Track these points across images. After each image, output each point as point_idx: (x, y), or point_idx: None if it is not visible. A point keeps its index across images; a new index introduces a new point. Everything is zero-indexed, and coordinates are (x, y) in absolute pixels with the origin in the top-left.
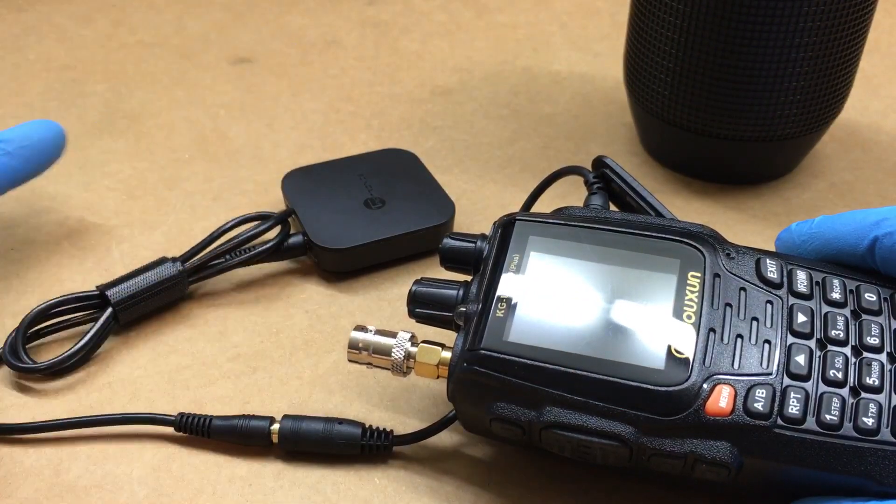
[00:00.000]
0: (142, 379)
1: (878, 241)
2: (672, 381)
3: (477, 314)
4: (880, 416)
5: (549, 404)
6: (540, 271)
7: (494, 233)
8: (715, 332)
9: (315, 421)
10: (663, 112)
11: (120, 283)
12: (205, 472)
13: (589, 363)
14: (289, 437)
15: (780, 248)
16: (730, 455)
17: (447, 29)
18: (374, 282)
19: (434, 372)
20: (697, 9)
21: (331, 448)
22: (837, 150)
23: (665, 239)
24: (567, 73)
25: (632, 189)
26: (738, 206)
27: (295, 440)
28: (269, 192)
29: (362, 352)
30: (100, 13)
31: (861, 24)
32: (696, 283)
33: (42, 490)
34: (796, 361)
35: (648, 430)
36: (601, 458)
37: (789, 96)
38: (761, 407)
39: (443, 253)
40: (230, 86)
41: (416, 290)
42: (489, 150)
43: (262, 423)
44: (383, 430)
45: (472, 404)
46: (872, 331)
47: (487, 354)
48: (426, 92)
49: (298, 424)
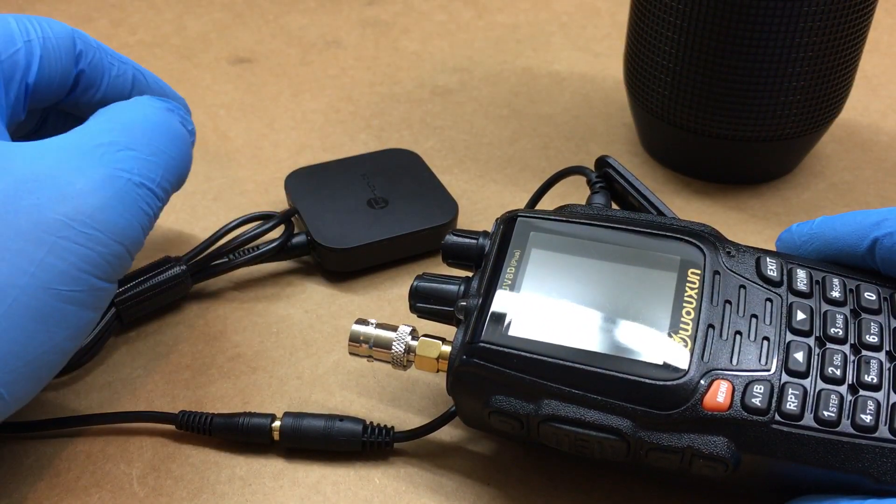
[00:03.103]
0: (142, 378)
1: (878, 242)
2: (670, 376)
3: (477, 308)
4: (878, 413)
5: (548, 398)
6: (541, 267)
7: (496, 229)
8: (714, 328)
9: (316, 418)
10: (663, 112)
11: (123, 283)
12: (204, 473)
13: (588, 357)
14: (290, 434)
15: (780, 249)
16: (727, 450)
17: (447, 29)
18: (375, 282)
19: (434, 366)
20: (697, 9)
21: (332, 445)
22: (837, 150)
23: (666, 236)
24: (567, 73)
25: (634, 188)
26: (738, 206)
27: (296, 437)
28: (269, 191)
29: (363, 345)
30: (100, 13)
31: (861, 24)
32: (696, 280)
33: (42, 490)
34: (795, 358)
35: (646, 425)
36: (599, 452)
37: (789, 96)
38: (759, 402)
39: (445, 249)
40: (230, 86)
41: (418, 285)
42: (489, 150)
43: (264, 420)
44: (384, 427)
45: (471, 397)
46: (871, 329)
47: (487, 347)
48: (426, 92)
49: (299, 421)
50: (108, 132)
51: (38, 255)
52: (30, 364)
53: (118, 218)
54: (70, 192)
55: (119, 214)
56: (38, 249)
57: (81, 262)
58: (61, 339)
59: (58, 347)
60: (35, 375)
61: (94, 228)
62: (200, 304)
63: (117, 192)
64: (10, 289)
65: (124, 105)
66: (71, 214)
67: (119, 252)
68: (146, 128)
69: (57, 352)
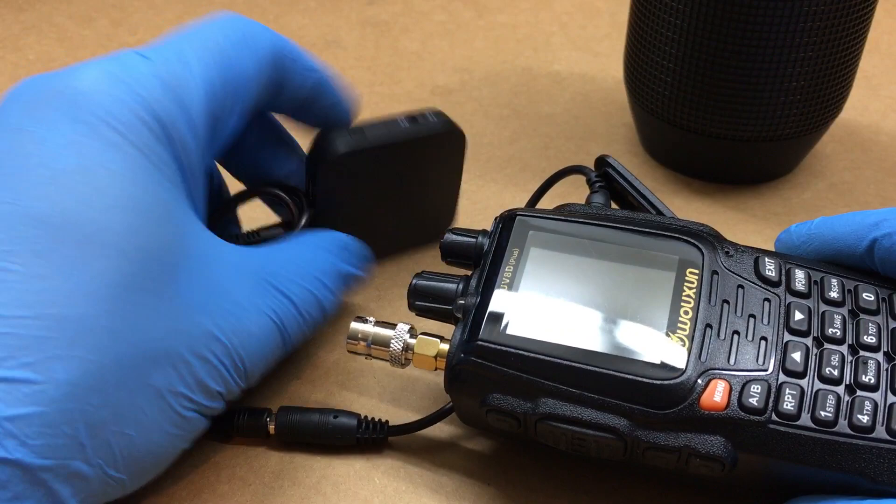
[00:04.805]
0: None
1: (877, 243)
2: (667, 375)
3: (475, 307)
4: (875, 413)
5: (545, 396)
6: (539, 266)
7: (495, 227)
8: (711, 327)
9: (311, 412)
10: (663, 112)
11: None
12: (204, 473)
13: (585, 356)
14: (285, 427)
15: (779, 249)
16: (724, 450)
17: (447, 29)
18: (375, 282)
19: (432, 364)
20: (697, 9)
21: (327, 439)
22: (837, 150)
23: (664, 236)
24: (567, 73)
25: (633, 188)
26: (738, 206)
27: (291, 431)
28: None
29: (361, 342)
30: (100, 13)
31: (861, 24)
32: (695, 279)
33: None
34: (792, 358)
35: (643, 424)
36: (596, 451)
37: (789, 96)
38: (756, 402)
39: (444, 247)
40: None
41: (417, 283)
42: (489, 150)
43: (259, 414)
44: (379, 421)
45: (469, 395)
46: (869, 330)
47: (485, 345)
48: (426, 92)
49: (295, 415)
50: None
51: (196, 369)
52: (160, 461)
53: (258, 359)
54: (240, 323)
55: (260, 357)
56: (198, 363)
57: (222, 384)
58: (184, 442)
59: (179, 449)
60: (154, 470)
61: (244, 360)
62: None
63: (268, 337)
64: (168, 393)
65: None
66: (231, 345)
67: (244, 386)
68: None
69: (177, 452)
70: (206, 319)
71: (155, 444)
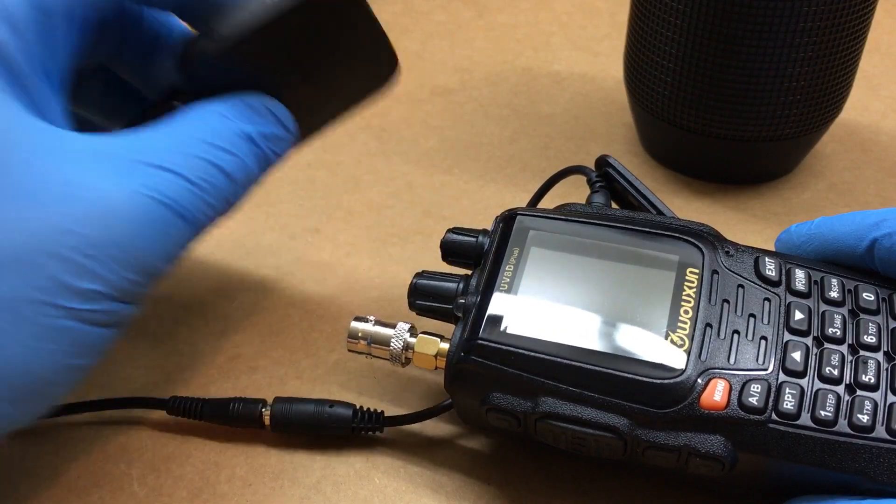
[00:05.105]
0: (141, 378)
1: (877, 243)
2: (667, 375)
3: (475, 306)
4: (875, 413)
5: (545, 395)
6: (539, 265)
7: (496, 227)
8: (711, 327)
9: (306, 403)
10: (663, 112)
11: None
12: (204, 472)
13: (585, 355)
14: (280, 418)
15: (779, 249)
16: (723, 449)
17: (447, 29)
18: (375, 281)
19: (432, 363)
20: (697, 9)
21: (322, 429)
22: (837, 150)
23: (664, 236)
24: (567, 73)
25: (634, 188)
26: (738, 206)
27: (286, 422)
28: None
29: (361, 341)
30: None
31: (861, 24)
32: (695, 279)
33: (42, 490)
34: (792, 358)
35: (643, 423)
36: (595, 450)
37: (789, 96)
38: (756, 402)
39: (444, 247)
40: None
41: (417, 282)
42: (489, 150)
43: (255, 404)
44: (375, 411)
45: (469, 394)
46: (869, 329)
47: (485, 344)
48: (426, 92)
49: (290, 406)
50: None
51: (50, 270)
52: (39, 380)
53: (145, 244)
54: (98, 209)
55: (147, 241)
56: (52, 262)
57: (97, 282)
58: (70, 356)
59: (66, 365)
60: (43, 392)
61: (119, 250)
62: (201, 303)
63: (150, 219)
64: (17, 302)
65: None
66: (93, 236)
67: (139, 280)
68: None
69: (67, 370)
70: (48, 212)
71: (27, 363)
